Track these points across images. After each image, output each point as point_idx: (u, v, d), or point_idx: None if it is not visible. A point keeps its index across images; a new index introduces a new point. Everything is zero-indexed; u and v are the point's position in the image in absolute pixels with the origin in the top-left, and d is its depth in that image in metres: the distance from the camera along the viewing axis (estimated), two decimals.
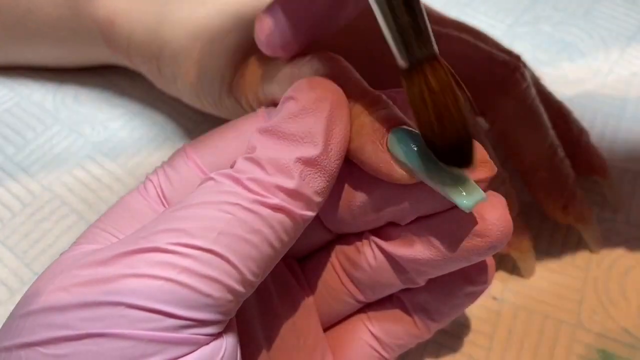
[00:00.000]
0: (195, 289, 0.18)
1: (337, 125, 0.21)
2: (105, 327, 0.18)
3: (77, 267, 0.19)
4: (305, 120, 0.21)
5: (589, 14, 0.45)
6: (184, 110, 0.38)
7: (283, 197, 0.20)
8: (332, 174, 0.21)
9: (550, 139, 0.31)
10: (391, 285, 0.25)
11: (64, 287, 0.19)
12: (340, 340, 0.26)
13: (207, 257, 0.19)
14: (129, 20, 0.33)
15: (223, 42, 0.29)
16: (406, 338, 0.26)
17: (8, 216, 0.33)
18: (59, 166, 0.36)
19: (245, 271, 0.19)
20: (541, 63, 0.42)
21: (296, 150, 0.20)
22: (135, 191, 0.23)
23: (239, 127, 0.24)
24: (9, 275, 0.31)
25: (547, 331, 0.30)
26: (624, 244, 0.33)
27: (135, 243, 0.19)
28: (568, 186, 0.31)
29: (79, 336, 0.18)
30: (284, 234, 0.20)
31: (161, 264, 0.18)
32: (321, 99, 0.21)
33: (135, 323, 0.18)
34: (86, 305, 0.18)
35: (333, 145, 0.21)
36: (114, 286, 0.18)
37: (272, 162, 0.20)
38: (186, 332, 0.18)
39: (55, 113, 0.38)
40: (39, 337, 0.18)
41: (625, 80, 0.41)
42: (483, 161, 0.21)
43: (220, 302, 0.19)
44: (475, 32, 0.33)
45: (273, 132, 0.21)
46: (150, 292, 0.18)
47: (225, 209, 0.19)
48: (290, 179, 0.20)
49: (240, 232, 0.19)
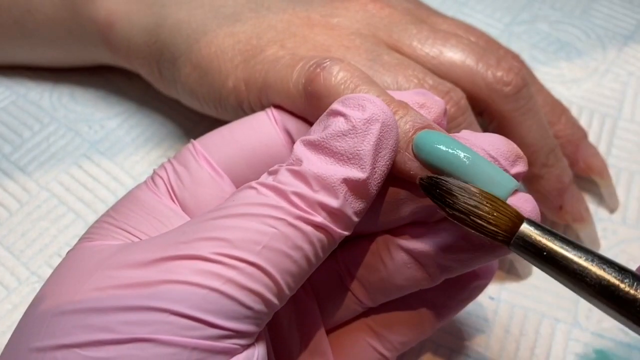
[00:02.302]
0: (238, 301, 0.19)
1: (385, 149, 0.21)
2: (151, 332, 0.18)
3: (111, 267, 0.19)
4: (355, 141, 0.21)
5: (586, 13, 0.45)
6: (181, 109, 0.38)
7: (325, 216, 0.20)
8: (372, 196, 0.21)
9: (548, 139, 0.31)
10: (406, 288, 0.24)
11: (100, 287, 0.18)
12: (341, 341, 0.26)
13: (251, 270, 0.19)
14: (128, 22, 0.33)
15: (223, 44, 0.29)
16: (410, 335, 0.26)
17: (5, 215, 0.33)
18: (55, 165, 0.35)
19: (284, 286, 0.20)
20: (538, 62, 0.42)
21: (343, 170, 0.20)
22: (144, 185, 0.23)
23: (249, 123, 0.24)
24: (6, 274, 0.31)
25: (543, 330, 0.30)
26: (620, 243, 0.33)
27: (175, 248, 0.19)
28: (565, 186, 0.31)
29: (123, 340, 0.18)
30: (321, 252, 0.20)
31: (205, 272, 0.19)
32: (372, 120, 0.21)
33: (180, 330, 0.18)
34: (128, 309, 0.18)
35: (378, 168, 0.21)
36: (157, 291, 0.18)
37: (318, 179, 0.20)
38: (227, 342, 0.19)
39: (52, 112, 0.38)
40: (77, 339, 0.18)
41: (622, 80, 0.41)
42: (520, 156, 0.22)
43: (258, 314, 0.19)
44: (471, 30, 0.33)
45: (320, 148, 0.21)
46: (195, 300, 0.18)
47: (270, 223, 0.19)
48: (335, 198, 0.20)
49: (284, 247, 0.19)
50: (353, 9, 0.31)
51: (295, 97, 0.24)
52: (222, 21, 0.30)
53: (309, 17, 0.30)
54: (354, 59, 0.28)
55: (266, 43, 0.29)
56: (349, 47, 0.29)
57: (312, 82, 0.23)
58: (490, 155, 0.22)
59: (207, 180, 0.22)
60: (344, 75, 0.23)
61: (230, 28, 0.30)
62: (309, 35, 0.29)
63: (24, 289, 0.31)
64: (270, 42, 0.29)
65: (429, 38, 0.30)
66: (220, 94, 0.29)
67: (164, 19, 0.31)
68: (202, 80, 0.30)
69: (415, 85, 0.27)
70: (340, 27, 0.30)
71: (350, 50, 0.28)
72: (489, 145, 0.22)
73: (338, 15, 0.31)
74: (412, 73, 0.28)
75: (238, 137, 0.24)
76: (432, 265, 0.23)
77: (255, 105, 0.27)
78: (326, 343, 0.26)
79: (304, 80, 0.24)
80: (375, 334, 0.26)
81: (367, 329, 0.26)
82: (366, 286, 0.25)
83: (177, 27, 0.31)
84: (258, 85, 0.27)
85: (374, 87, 0.23)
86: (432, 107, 0.24)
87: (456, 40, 0.30)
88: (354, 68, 0.24)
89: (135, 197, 0.22)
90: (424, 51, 0.30)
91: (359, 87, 0.23)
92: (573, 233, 0.33)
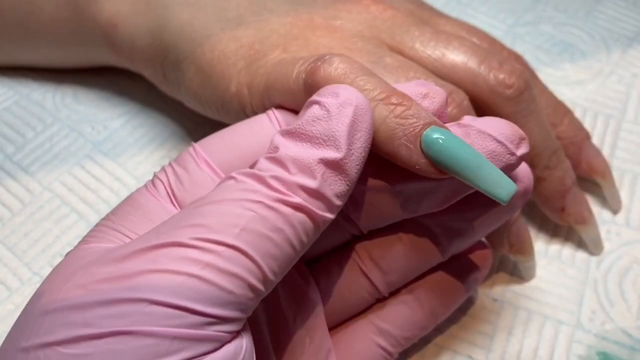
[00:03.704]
0: (218, 285, 0.18)
1: (360, 131, 0.21)
2: (129, 324, 0.18)
3: (94, 264, 0.19)
4: (329, 123, 0.21)
5: (590, 15, 0.45)
6: (185, 110, 0.38)
7: (305, 197, 0.20)
8: (352, 178, 0.21)
9: (550, 141, 0.31)
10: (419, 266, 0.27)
11: (82, 284, 0.18)
12: (344, 337, 0.27)
13: (230, 253, 0.19)
14: (131, 23, 0.33)
15: (226, 49, 0.29)
16: (413, 330, 0.27)
17: (8, 215, 0.33)
18: (58, 165, 0.36)
19: (266, 269, 0.19)
20: (542, 63, 0.42)
21: (319, 152, 0.21)
22: (143, 189, 0.23)
23: (250, 125, 0.24)
24: (8, 275, 0.31)
25: (546, 332, 0.30)
26: (624, 245, 0.33)
27: (156, 238, 0.19)
28: (568, 187, 0.31)
29: (102, 335, 0.17)
30: (304, 235, 0.20)
31: (183, 259, 0.18)
32: (344, 104, 0.21)
33: (159, 320, 0.18)
34: (107, 303, 0.18)
35: (355, 150, 0.21)
36: (136, 282, 0.18)
37: (295, 161, 0.21)
38: (209, 329, 0.18)
39: (55, 112, 0.38)
40: (58, 337, 0.18)
41: (626, 82, 0.41)
42: (522, 137, 0.23)
43: (241, 299, 0.19)
44: (474, 31, 0.32)
45: (296, 134, 0.21)
46: (173, 288, 0.18)
47: (248, 206, 0.19)
48: (313, 179, 0.20)
49: (262, 229, 0.19)
50: (355, 11, 0.31)
51: (296, 93, 0.24)
52: (225, 24, 0.30)
53: (311, 19, 0.30)
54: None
55: (269, 47, 0.29)
56: (351, 49, 0.29)
57: (313, 75, 0.23)
58: (496, 139, 0.22)
59: (207, 183, 0.22)
60: (344, 67, 0.23)
61: (234, 32, 0.30)
62: (312, 37, 0.29)
63: (26, 290, 0.31)
64: (273, 45, 0.29)
65: (432, 40, 0.30)
66: (223, 98, 0.29)
67: (167, 21, 0.31)
68: (205, 84, 0.30)
69: None
70: (343, 29, 0.30)
71: (353, 52, 0.28)
72: (494, 130, 0.23)
73: (340, 17, 0.30)
74: (415, 75, 0.28)
75: (239, 140, 0.24)
76: (440, 233, 0.26)
77: (258, 109, 0.27)
78: (328, 340, 0.26)
79: (304, 75, 0.24)
80: (379, 330, 0.26)
81: (371, 324, 0.27)
82: (383, 268, 0.26)
83: (180, 30, 0.31)
84: (260, 89, 0.27)
85: (374, 77, 0.23)
86: (435, 97, 0.24)
87: (459, 42, 0.30)
88: (354, 61, 0.24)
89: (134, 200, 0.22)
90: (427, 53, 0.29)
91: (358, 77, 0.23)
92: (576, 234, 0.33)
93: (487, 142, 0.22)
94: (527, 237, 0.31)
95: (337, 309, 0.27)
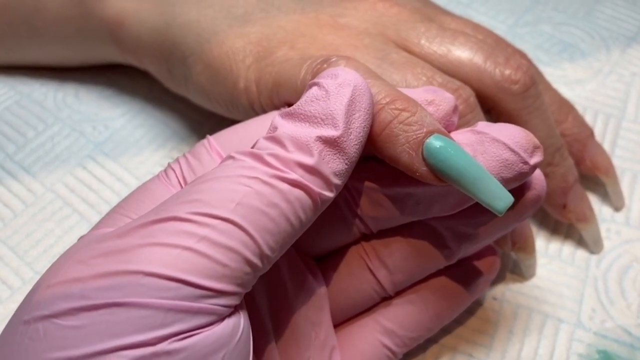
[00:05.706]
0: (213, 258, 0.18)
1: (358, 111, 0.21)
2: (123, 296, 0.18)
3: (95, 242, 0.19)
4: (327, 102, 0.21)
5: (589, 15, 0.45)
6: (186, 110, 0.38)
7: (302, 174, 0.20)
8: (351, 158, 0.21)
9: (554, 137, 0.31)
10: (427, 266, 0.27)
11: (82, 260, 0.19)
12: (350, 336, 0.27)
13: (225, 226, 0.19)
14: (137, 20, 0.33)
15: (234, 45, 0.29)
16: (419, 331, 0.27)
17: (10, 216, 0.33)
18: (60, 166, 0.36)
19: (262, 244, 0.19)
20: (542, 63, 0.42)
21: (317, 130, 0.21)
22: (155, 178, 0.23)
23: (262, 120, 0.25)
24: (10, 274, 0.31)
25: (547, 331, 0.30)
26: (624, 244, 0.33)
27: (154, 214, 0.19)
28: (570, 184, 0.31)
29: (97, 306, 0.18)
30: (302, 212, 0.20)
31: (179, 232, 0.19)
32: (343, 84, 0.21)
33: (153, 291, 0.18)
34: (103, 275, 0.18)
35: (353, 129, 0.21)
36: (131, 255, 0.18)
37: (293, 139, 0.21)
38: (204, 302, 0.18)
39: (56, 112, 0.38)
40: (57, 309, 0.18)
41: (625, 81, 0.41)
42: (537, 146, 0.23)
43: (237, 273, 0.19)
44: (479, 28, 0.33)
45: (295, 114, 0.21)
46: (168, 260, 0.18)
47: (244, 182, 0.20)
48: (310, 156, 0.20)
49: (258, 204, 0.19)
50: (362, 8, 0.31)
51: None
52: (232, 21, 0.30)
53: (317, 17, 0.30)
54: (362, 58, 0.28)
55: (276, 44, 0.29)
56: (358, 46, 0.29)
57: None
58: (510, 148, 0.22)
59: None
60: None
61: (241, 29, 0.30)
62: (318, 35, 0.29)
63: (28, 289, 0.31)
64: (280, 43, 0.29)
65: (437, 36, 0.30)
66: (232, 95, 0.29)
67: (173, 17, 0.32)
68: (214, 80, 0.30)
69: (424, 82, 0.28)
70: (349, 26, 0.30)
71: (359, 49, 0.29)
72: (508, 138, 0.23)
73: (347, 15, 0.31)
74: (421, 71, 0.28)
75: (252, 135, 0.24)
76: (449, 236, 0.25)
77: (266, 105, 0.28)
78: (333, 336, 0.26)
79: (311, 77, 0.24)
80: (384, 330, 0.27)
81: (376, 323, 0.27)
82: (390, 268, 0.26)
83: (187, 26, 0.31)
84: (269, 86, 0.27)
85: (379, 81, 0.23)
86: (441, 104, 0.24)
87: (464, 39, 0.30)
88: (360, 63, 0.24)
89: (145, 189, 0.23)
90: (432, 49, 0.30)
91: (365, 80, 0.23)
92: (576, 232, 0.33)
93: (500, 150, 0.22)
94: (530, 235, 0.31)
95: (343, 305, 0.27)
